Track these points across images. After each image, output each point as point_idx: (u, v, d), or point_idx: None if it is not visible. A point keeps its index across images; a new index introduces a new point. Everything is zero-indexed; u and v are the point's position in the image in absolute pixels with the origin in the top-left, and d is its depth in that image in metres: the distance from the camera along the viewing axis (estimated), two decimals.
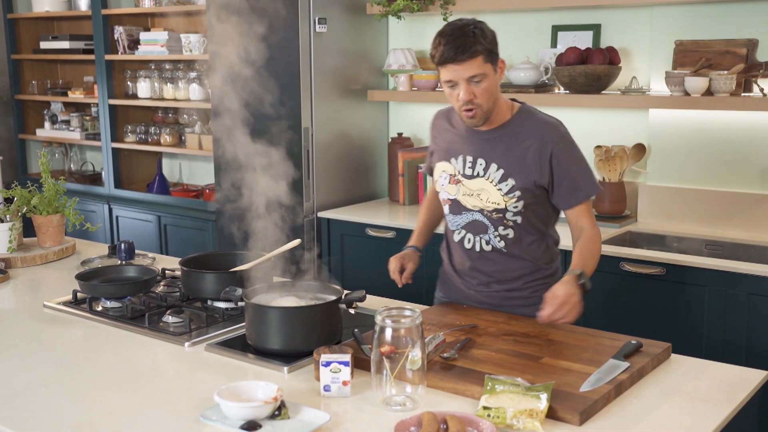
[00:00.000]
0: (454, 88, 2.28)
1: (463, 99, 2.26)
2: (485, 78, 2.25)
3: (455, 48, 2.21)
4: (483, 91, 2.27)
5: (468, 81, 2.24)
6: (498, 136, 2.37)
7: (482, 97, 2.27)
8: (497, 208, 2.36)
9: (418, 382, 1.83)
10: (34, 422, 1.79)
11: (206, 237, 4.80)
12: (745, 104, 3.33)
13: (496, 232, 2.40)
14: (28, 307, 2.68)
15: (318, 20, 4.08)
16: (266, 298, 2.24)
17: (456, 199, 2.43)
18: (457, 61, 2.22)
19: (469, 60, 2.22)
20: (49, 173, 3.34)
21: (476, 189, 2.38)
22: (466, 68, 2.22)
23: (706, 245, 3.47)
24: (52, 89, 5.92)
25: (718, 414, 1.79)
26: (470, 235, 2.44)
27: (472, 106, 2.28)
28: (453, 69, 2.24)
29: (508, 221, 2.38)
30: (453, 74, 2.24)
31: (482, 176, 2.37)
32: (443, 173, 2.46)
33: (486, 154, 2.37)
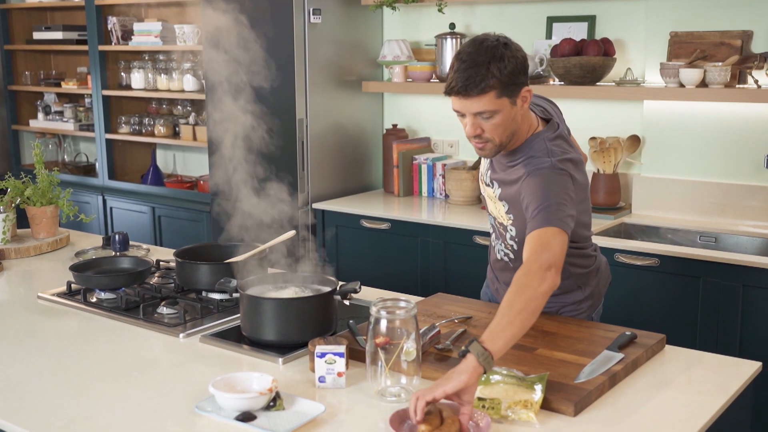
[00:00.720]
0: (464, 118, 2.11)
1: (469, 134, 2.11)
2: (497, 114, 2.06)
3: (464, 80, 2.01)
4: (493, 126, 2.08)
5: (475, 116, 2.07)
6: (505, 160, 2.23)
7: (492, 132, 2.09)
8: (502, 223, 2.30)
9: (413, 373, 1.84)
10: (28, 413, 1.79)
11: (200, 228, 4.79)
12: (740, 96, 3.34)
13: (504, 242, 2.33)
14: (22, 298, 2.67)
15: (312, 11, 4.07)
16: (261, 289, 2.24)
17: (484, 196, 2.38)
18: (464, 95, 2.03)
19: (478, 96, 2.02)
20: (43, 164, 3.33)
21: (489, 197, 2.33)
22: (474, 104, 2.04)
23: (700, 236, 3.48)
24: (46, 80, 5.89)
25: (711, 405, 1.79)
26: (495, 240, 2.39)
27: (480, 141, 2.12)
28: (461, 103, 2.06)
29: (508, 243, 2.30)
30: (460, 106, 2.07)
31: (491, 187, 2.29)
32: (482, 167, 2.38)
33: (495, 168, 2.28)
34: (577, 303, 2.35)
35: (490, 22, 4.16)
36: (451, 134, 4.39)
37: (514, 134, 2.14)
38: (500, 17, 4.12)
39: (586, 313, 2.38)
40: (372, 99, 4.53)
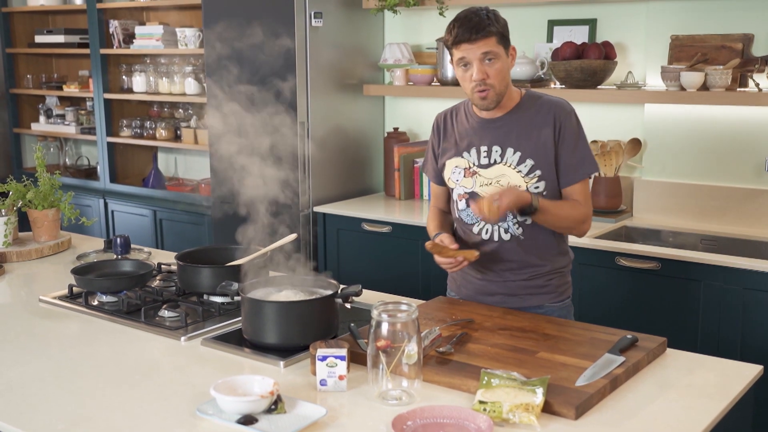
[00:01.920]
0: (468, 68, 2.31)
1: (476, 78, 2.29)
2: (498, 59, 2.30)
3: (469, 28, 2.26)
4: (496, 71, 2.30)
5: (481, 60, 2.28)
6: (510, 121, 2.40)
7: (495, 77, 2.30)
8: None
9: (414, 376, 1.84)
10: (29, 416, 1.79)
11: (202, 231, 4.80)
12: (741, 99, 3.34)
13: (514, 219, 2.40)
14: (24, 301, 2.68)
15: (314, 14, 4.08)
16: (262, 292, 2.24)
17: (473, 191, 2.43)
18: (471, 40, 2.26)
19: (483, 39, 2.26)
20: (45, 167, 3.33)
21: (494, 177, 2.39)
22: (480, 46, 2.27)
23: (701, 240, 3.48)
24: (47, 83, 5.90)
25: (712, 408, 1.79)
26: (488, 225, 2.43)
27: (484, 86, 2.30)
28: (467, 48, 2.28)
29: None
30: (466, 52, 2.28)
31: (500, 162, 2.39)
32: (456, 169, 2.46)
33: (500, 140, 2.39)
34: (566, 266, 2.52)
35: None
36: None
37: (508, 87, 2.37)
38: None
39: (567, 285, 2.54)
40: (373, 102, 4.53)
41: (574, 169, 2.38)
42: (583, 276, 3.30)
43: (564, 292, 2.51)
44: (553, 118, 2.37)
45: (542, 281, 2.46)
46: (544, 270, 2.45)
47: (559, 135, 2.36)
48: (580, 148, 2.38)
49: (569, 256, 2.54)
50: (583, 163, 2.38)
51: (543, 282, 2.46)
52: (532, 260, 2.44)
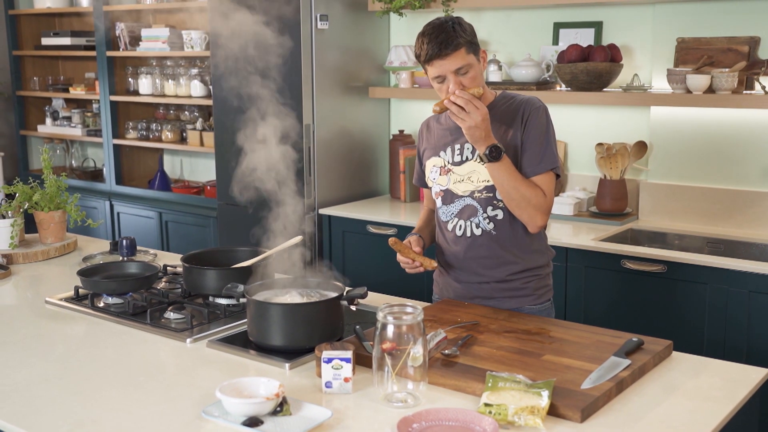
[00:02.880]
0: (443, 83, 2.37)
1: (452, 90, 2.33)
2: (471, 68, 2.35)
3: (438, 44, 2.31)
4: (471, 80, 2.36)
5: (455, 73, 2.33)
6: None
7: (470, 85, 2.36)
8: (487, 185, 2.42)
9: (420, 378, 1.84)
10: (35, 418, 1.79)
11: (207, 233, 4.80)
12: (747, 102, 3.33)
13: (485, 214, 2.44)
14: (30, 303, 2.68)
15: (320, 17, 4.08)
16: (268, 294, 2.24)
17: (447, 188, 2.49)
18: (442, 56, 2.32)
19: (453, 53, 2.31)
20: (51, 169, 3.34)
21: (466, 173, 2.45)
22: (452, 61, 2.32)
23: (707, 243, 3.47)
24: (54, 85, 5.92)
25: (719, 411, 1.79)
26: (461, 221, 2.48)
27: None
28: (439, 64, 2.33)
29: (498, 201, 2.42)
30: (440, 69, 2.34)
31: (471, 159, 2.45)
32: (434, 168, 2.53)
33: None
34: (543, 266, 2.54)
35: (496, 28, 4.17)
36: None
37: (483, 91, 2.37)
38: (507, 23, 4.13)
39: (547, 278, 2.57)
40: (379, 105, 4.53)
41: (537, 160, 2.40)
42: (589, 278, 3.29)
43: (543, 295, 2.53)
44: (522, 113, 2.43)
45: (519, 283, 2.48)
46: (518, 268, 2.47)
47: (524, 127, 2.41)
48: (544, 142, 2.41)
49: (547, 255, 2.55)
50: (546, 156, 2.40)
51: (520, 284, 2.48)
52: (506, 256, 2.46)
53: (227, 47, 4.34)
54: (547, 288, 2.55)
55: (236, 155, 2.88)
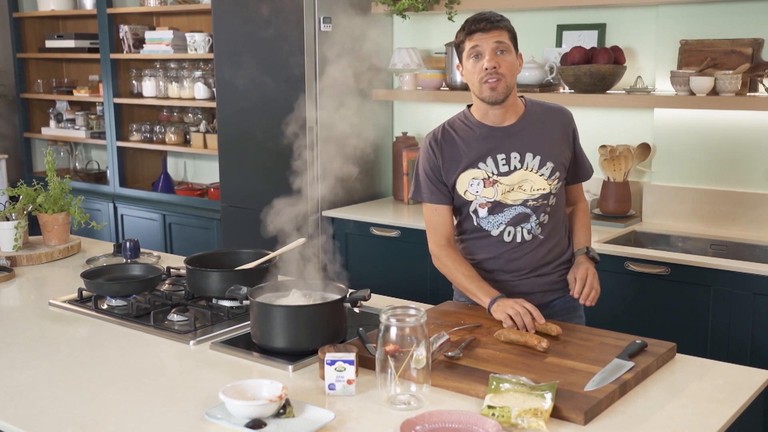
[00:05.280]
0: (479, 59, 2.34)
1: (489, 66, 2.31)
2: (509, 52, 2.35)
3: (483, 20, 2.32)
4: (508, 64, 2.34)
5: (494, 50, 2.32)
6: (524, 127, 2.44)
7: (506, 68, 2.33)
8: (543, 193, 2.42)
9: (423, 381, 1.84)
10: (38, 420, 1.79)
11: (211, 236, 4.81)
12: (751, 104, 3.33)
13: (537, 220, 2.44)
14: (34, 305, 2.68)
15: (323, 19, 4.09)
16: (271, 296, 2.24)
17: (496, 200, 2.42)
18: (485, 29, 2.31)
19: (496, 30, 2.32)
20: (55, 172, 3.34)
21: (517, 182, 2.41)
22: (493, 35, 2.32)
23: (711, 245, 3.46)
24: (58, 88, 5.93)
25: (722, 414, 1.79)
26: (510, 227, 2.44)
27: (496, 75, 2.32)
28: (480, 37, 2.32)
29: (548, 206, 2.44)
30: (480, 41, 2.32)
31: (521, 168, 2.41)
32: (474, 180, 2.42)
33: (517, 146, 2.42)
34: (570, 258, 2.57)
35: None
36: None
37: (515, 86, 2.40)
38: None
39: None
40: (382, 107, 4.53)
41: (584, 169, 2.56)
42: None
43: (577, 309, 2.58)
44: (563, 122, 2.48)
45: (555, 277, 2.51)
46: (556, 265, 2.51)
47: (573, 138, 2.49)
48: (583, 150, 2.56)
49: (570, 248, 2.58)
50: (587, 163, 2.58)
51: (556, 278, 2.51)
52: (548, 258, 2.49)
53: (230, 49, 4.35)
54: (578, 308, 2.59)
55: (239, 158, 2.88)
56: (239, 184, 4.40)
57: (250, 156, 4.30)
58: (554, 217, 2.48)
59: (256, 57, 4.23)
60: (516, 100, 2.44)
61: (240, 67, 4.31)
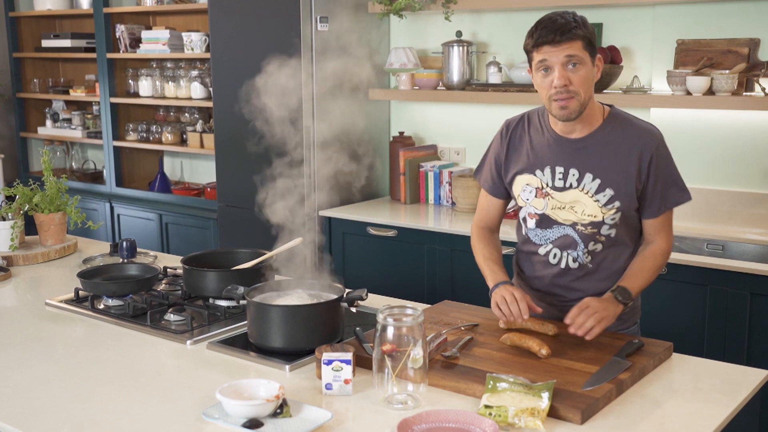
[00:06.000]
0: (548, 73, 2.09)
1: (558, 84, 2.07)
2: (583, 65, 2.08)
3: (554, 29, 2.05)
4: (580, 78, 2.08)
5: (564, 65, 2.07)
6: (592, 143, 2.18)
7: (580, 84, 2.08)
8: (593, 221, 2.19)
9: (420, 380, 1.84)
10: (35, 420, 1.79)
11: (207, 235, 4.81)
12: (747, 104, 3.33)
13: (585, 249, 2.23)
14: (30, 304, 2.68)
15: (320, 19, 4.08)
16: (268, 296, 2.24)
17: (545, 213, 2.24)
18: (555, 42, 2.05)
19: (568, 42, 2.05)
20: (51, 171, 3.34)
21: (569, 201, 2.20)
22: (564, 49, 2.06)
23: (707, 244, 3.47)
24: (54, 87, 5.92)
25: (719, 413, 1.79)
26: (557, 250, 2.27)
27: (567, 93, 2.08)
28: (548, 51, 2.07)
29: (601, 236, 2.21)
30: (548, 55, 2.07)
31: (576, 187, 2.19)
32: (527, 186, 2.26)
33: (579, 163, 2.19)
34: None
35: (496, 30, 4.17)
36: (457, 142, 4.39)
37: (591, 98, 2.14)
38: (507, 25, 4.13)
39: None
40: (379, 106, 4.53)
41: (663, 201, 2.21)
42: None
43: (629, 319, 2.32)
44: (641, 147, 2.16)
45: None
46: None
47: (647, 168, 2.16)
48: (671, 179, 2.21)
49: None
50: (672, 195, 2.22)
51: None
52: (598, 286, 2.25)
53: (227, 49, 4.35)
54: (634, 311, 2.35)
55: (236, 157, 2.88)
56: (236, 183, 4.40)
57: (246, 156, 4.31)
58: (611, 250, 2.24)
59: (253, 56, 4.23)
60: (593, 110, 2.18)
61: (236, 66, 4.30)
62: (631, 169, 2.16)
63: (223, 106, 4.45)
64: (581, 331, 2.06)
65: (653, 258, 2.24)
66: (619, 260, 2.26)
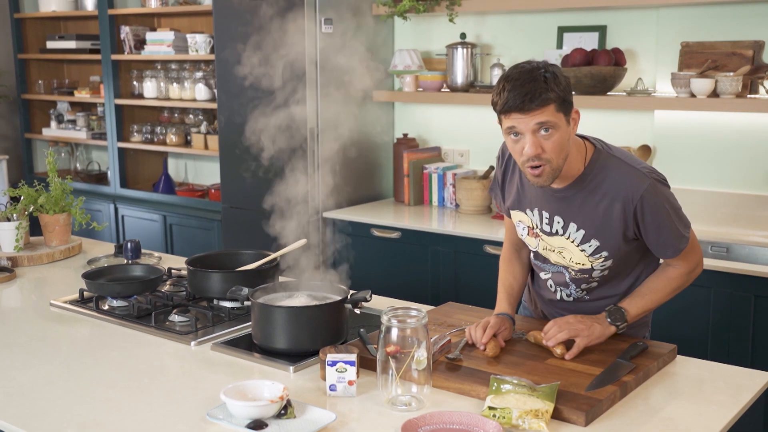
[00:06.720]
0: (518, 139, 1.95)
1: (529, 153, 1.93)
2: (556, 129, 1.93)
3: (522, 95, 1.89)
4: (553, 144, 1.94)
5: (535, 132, 1.92)
6: (573, 194, 2.08)
7: (552, 151, 1.94)
8: (582, 268, 2.14)
9: (424, 382, 1.84)
10: (39, 420, 1.80)
11: (212, 236, 4.81)
12: (751, 106, 3.33)
13: (578, 288, 2.22)
14: (35, 305, 2.69)
15: (324, 21, 4.09)
16: (272, 297, 2.25)
17: (538, 251, 2.22)
18: (524, 110, 1.90)
19: (539, 108, 1.89)
20: (56, 172, 3.34)
21: (557, 246, 2.15)
22: (534, 117, 1.90)
23: (711, 247, 3.46)
24: (59, 89, 5.93)
25: (723, 415, 1.79)
26: (552, 282, 2.26)
27: (539, 162, 1.95)
28: (518, 118, 1.92)
29: (594, 279, 2.17)
30: (517, 123, 1.92)
31: (562, 235, 2.12)
32: (520, 223, 2.22)
33: (562, 212, 2.10)
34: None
35: (501, 32, 4.17)
36: (461, 144, 4.39)
37: (566, 160, 2.00)
38: (511, 27, 4.13)
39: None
40: (383, 108, 4.54)
41: (664, 248, 2.09)
42: None
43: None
44: (623, 198, 2.02)
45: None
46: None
47: (634, 218, 2.04)
48: (665, 228, 2.06)
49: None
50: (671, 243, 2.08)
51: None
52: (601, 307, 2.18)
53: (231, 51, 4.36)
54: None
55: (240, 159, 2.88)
56: (240, 185, 4.40)
57: (250, 157, 4.31)
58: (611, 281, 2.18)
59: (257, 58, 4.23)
60: (572, 162, 2.03)
61: (241, 68, 4.31)
62: (616, 222, 2.05)
63: (227, 108, 4.45)
64: (552, 341, 2.04)
65: (667, 281, 2.13)
66: (620, 286, 2.21)
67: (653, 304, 2.14)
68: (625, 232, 2.06)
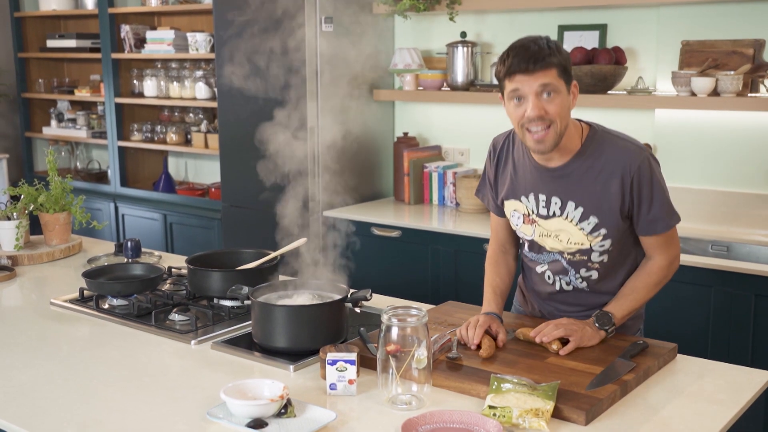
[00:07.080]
0: (521, 103, 2.00)
1: (531, 114, 1.98)
2: (558, 93, 1.99)
3: (527, 58, 1.96)
4: (556, 107, 1.99)
5: (538, 94, 1.98)
6: (571, 171, 2.11)
7: (555, 114, 1.99)
8: (581, 248, 2.15)
9: (424, 381, 1.84)
10: (40, 419, 1.80)
11: (212, 235, 4.81)
12: (752, 104, 3.33)
13: (578, 275, 2.21)
14: (35, 304, 2.69)
15: (324, 19, 4.09)
16: (272, 296, 2.25)
17: (533, 240, 2.22)
18: (528, 71, 1.96)
19: (542, 71, 1.96)
20: (56, 171, 3.34)
21: (554, 229, 2.15)
22: (538, 78, 1.96)
23: (711, 245, 3.46)
24: (59, 87, 5.93)
25: (723, 414, 1.79)
26: (550, 272, 2.25)
27: (542, 124, 1.99)
28: (521, 80, 1.97)
29: (593, 263, 2.18)
30: (521, 84, 1.98)
31: (560, 216, 2.13)
32: (515, 212, 2.23)
33: (560, 191, 2.13)
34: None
35: (501, 30, 4.17)
36: (461, 142, 4.39)
37: (566, 128, 2.04)
38: (511, 26, 4.13)
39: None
40: (383, 107, 4.54)
41: (654, 223, 2.12)
42: None
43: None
44: (621, 170, 2.06)
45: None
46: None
47: (630, 191, 2.07)
48: (657, 202, 2.10)
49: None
50: (662, 216, 2.11)
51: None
52: (599, 302, 2.23)
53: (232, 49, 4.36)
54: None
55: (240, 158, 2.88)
56: (240, 184, 4.40)
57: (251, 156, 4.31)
58: (609, 271, 2.19)
59: (257, 57, 4.23)
60: (570, 137, 2.08)
61: (241, 67, 4.31)
62: (614, 195, 2.08)
63: (227, 107, 4.45)
64: (547, 337, 2.05)
65: (647, 276, 2.18)
66: (618, 278, 2.22)
67: (637, 302, 2.18)
68: (622, 207, 2.09)
